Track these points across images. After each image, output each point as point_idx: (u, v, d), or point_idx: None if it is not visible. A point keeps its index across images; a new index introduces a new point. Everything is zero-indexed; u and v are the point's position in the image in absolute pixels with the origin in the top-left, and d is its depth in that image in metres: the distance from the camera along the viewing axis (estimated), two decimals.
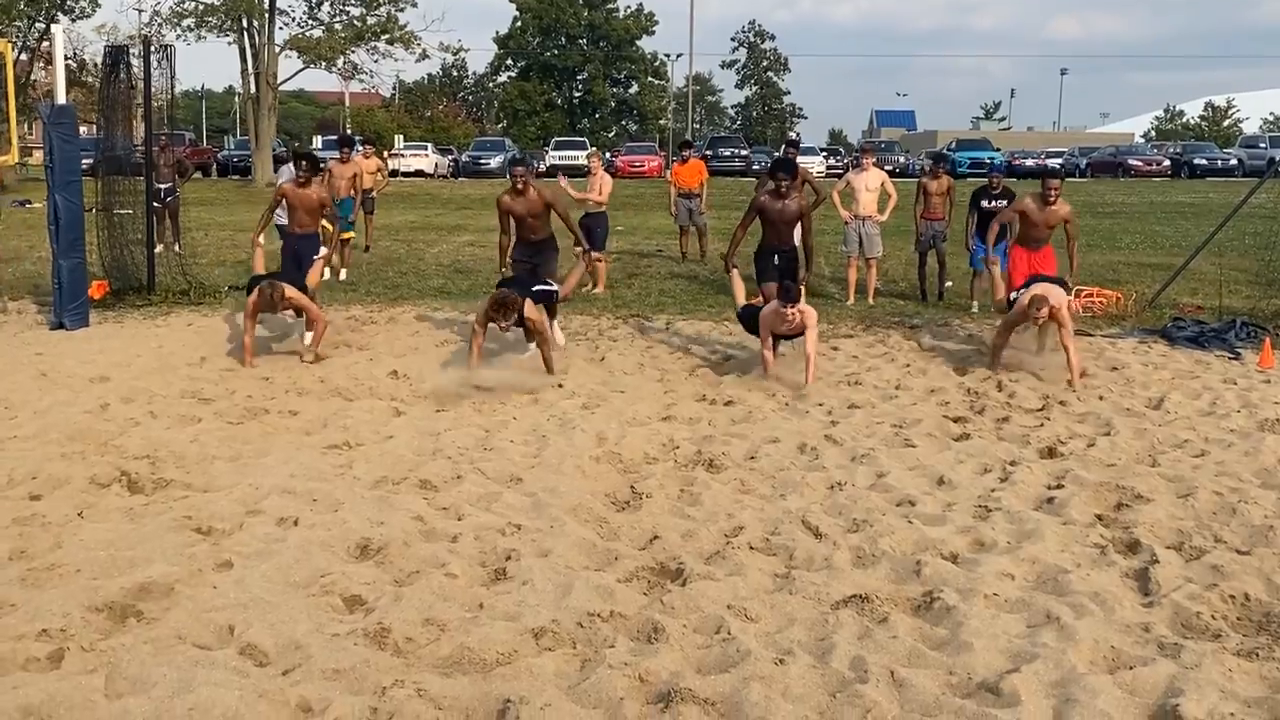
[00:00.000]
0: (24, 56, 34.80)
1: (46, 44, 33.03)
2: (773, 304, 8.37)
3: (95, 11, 37.29)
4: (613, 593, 4.51)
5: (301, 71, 39.27)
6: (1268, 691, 3.74)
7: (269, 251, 10.09)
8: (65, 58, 12.89)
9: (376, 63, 39.30)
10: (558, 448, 6.65)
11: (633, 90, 77.07)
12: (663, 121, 75.65)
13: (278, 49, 37.32)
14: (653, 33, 74.72)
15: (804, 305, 8.21)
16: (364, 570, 4.75)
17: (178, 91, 14.31)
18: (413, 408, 7.68)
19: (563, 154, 42.64)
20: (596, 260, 9.53)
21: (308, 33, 38.00)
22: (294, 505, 5.51)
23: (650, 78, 77.09)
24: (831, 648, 4.02)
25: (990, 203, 11.81)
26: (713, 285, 13.42)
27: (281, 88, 39.87)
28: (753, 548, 5.07)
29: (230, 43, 37.50)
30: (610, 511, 5.65)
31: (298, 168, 9.77)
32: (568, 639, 4.10)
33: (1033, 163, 44.06)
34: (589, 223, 13.08)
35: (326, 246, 10.09)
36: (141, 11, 43.57)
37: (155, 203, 12.49)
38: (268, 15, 36.81)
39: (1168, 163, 44.10)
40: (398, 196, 28.43)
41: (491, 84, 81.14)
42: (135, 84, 11.89)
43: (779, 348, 8.70)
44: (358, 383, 8.30)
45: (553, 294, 8.64)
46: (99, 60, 18.55)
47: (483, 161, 45.59)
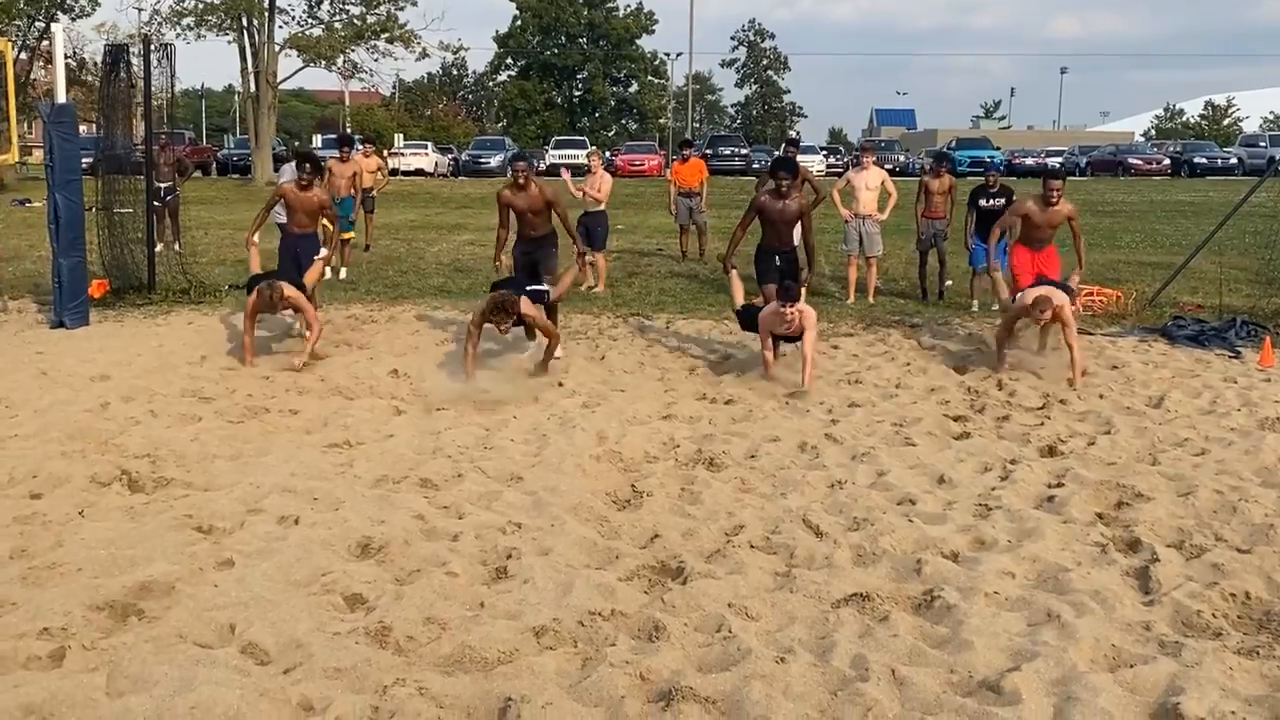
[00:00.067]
0: (24, 55, 34.77)
1: (46, 43, 33.04)
2: (772, 304, 8.36)
3: (95, 10, 37.27)
4: (614, 591, 4.52)
5: (301, 70, 39.29)
6: (1268, 690, 3.74)
7: (266, 250, 10.06)
8: (65, 56, 12.90)
9: (376, 61, 39.29)
10: (558, 446, 6.65)
11: (632, 89, 77.04)
12: (662, 120, 75.62)
13: (277, 48, 37.30)
14: (652, 32, 74.82)
15: (803, 305, 8.20)
16: (365, 569, 4.76)
17: (177, 90, 14.30)
18: (413, 406, 7.68)
19: (563, 153, 42.58)
20: (590, 262, 9.49)
21: (307, 31, 37.97)
22: (295, 504, 5.52)
23: (650, 77, 77.06)
24: (832, 646, 4.02)
25: (988, 201, 11.79)
26: (713, 284, 13.42)
27: (281, 86, 39.84)
28: (753, 546, 5.07)
29: (230, 41, 37.52)
30: (611, 510, 5.66)
31: (300, 170, 9.71)
32: (569, 637, 4.11)
33: (1033, 161, 44.04)
34: (589, 222, 13.09)
35: (327, 247, 10.07)
36: (141, 10, 43.67)
37: (155, 201, 12.48)
38: (267, 14, 36.77)
39: (1168, 161, 44.12)
40: (398, 195, 28.43)
41: (491, 83, 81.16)
42: (135, 83, 11.89)
43: (780, 349, 8.70)
44: (358, 381, 8.31)
45: (545, 294, 8.59)
46: (99, 59, 18.53)
47: (482, 160, 45.60)
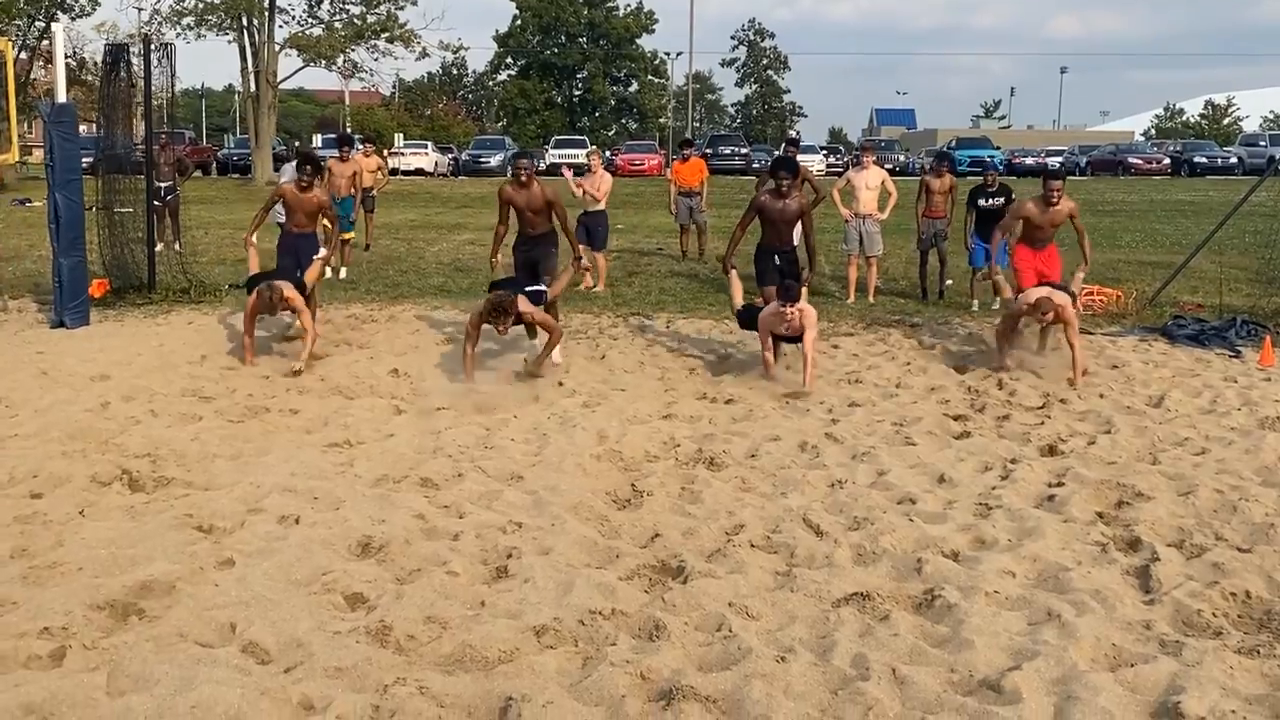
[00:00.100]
0: (24, 55, 34.78)
1: (46, 42, 33.02)
2: (773, 304, 8.34)
3: (95, 10, 37.26)
4: (614, 590, 4.52)
5: (301, 70, 39.28)
6: (1269, 689, 3.74)
7: (265, 250, 10.04)
8: (65, 56, 12.89)
9: (376, 61, 39.33)
10: (559, 446, 6.66)
11: (632, 89, 77.05)
12: (662, 120, 75.64)
13: (277, 47, 37.29)
14: (652, 31, 74.84)
15: (804, 305, 8.19)
16: (365, 568, 4.76)
17: (178, 90, 14.30)
18: (413, 406, 7.68)
19: (563, 152, 42.59)
20: (585, 268, 9.45)
21: (307, 31, 37.97)
22: (295, 503, 5.52)
23: (650, 76, 77.08)
24: (833, 645, 4.02)
25: (987, 201, 11.79)
26: (713, 283, 13.41)
27: (281, 86, 39.83)
28: (754, 545, 5.07)
29: (230, 41, 37.52)
30: (611, 509, 5.66)
31: (301, 171, 9.67)
32: (569, 637, 4.11)
33: (1033, 161, 44.03)
34: (589, 221, 13.07)
35: (326, 247, 10.05)
36: (141, 10, 43.51)
37: (155, 201, 12.48)
38: (267, 13, 36.76)
39: (1168, 161, 44.11)
40: (398, 195, 28.43)
41: (491, 82, 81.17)
42: (135, 82, 11.90)
43: (780, 348, 8.68)
44: (358, 381, 8.30)
45: (542, 294, 8.56)
46: (99, 59, 18.53)
47: (482, 160, 45.65)
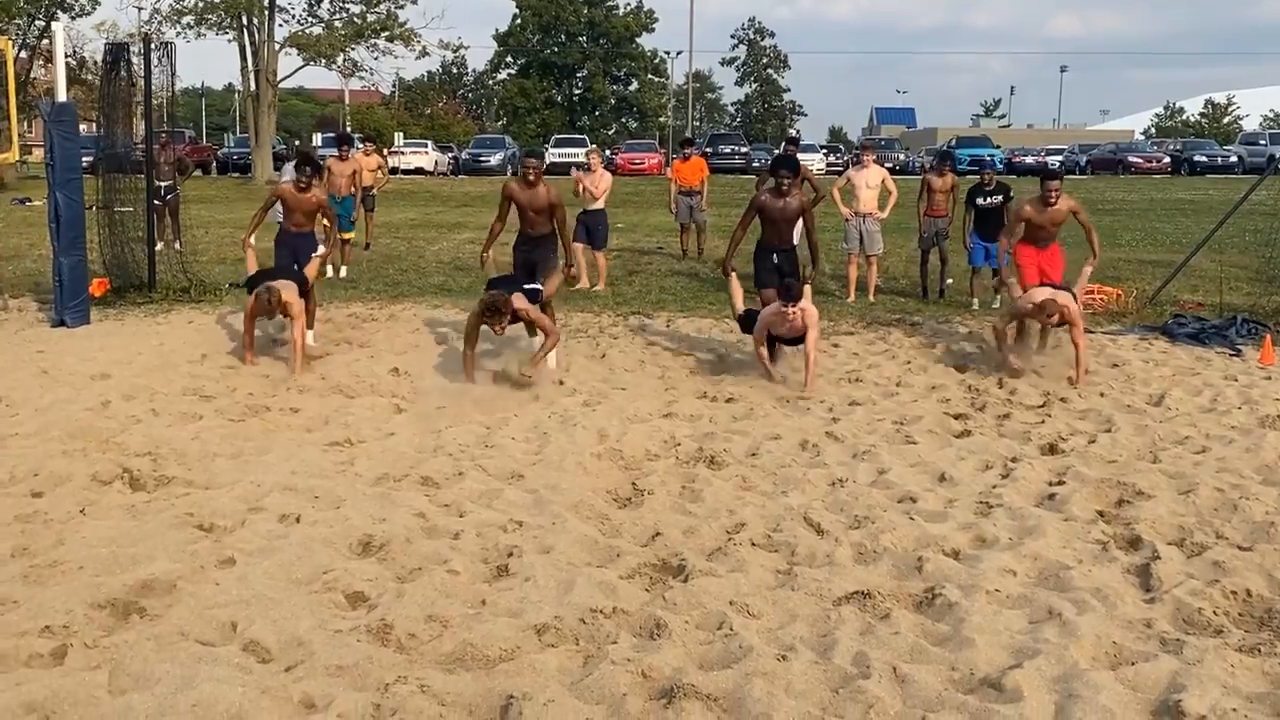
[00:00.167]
0: (24, 54, 34.78)
1: (46, 42, 33.02)
2: (774, 304, 8.30)
3: (95, 9, 37.26)
4: (615, 589, 4.52)
5: (301, 69, 39.29)
6: (1270, 687, 3.74)
7: (263, 249, 10.02)
8: (65, 55, 12.88)
9: (376, 60, 39.31)
10: (559, 445, 6.66)
11: (632, 87, 76.94)
12: (662, 119, 75.60)
13: (277, 46, 37.30)
14: (652, 30, 74.68)
15: (805, 304, 8.15)
16: (366, 567, 4.76)
17: (178, 89, 14.29)
18: (414, 405, 7.68)
19: (563, 151, 42.56)
20: (574, 275, 9.39)
21: (307, 30, 37.99)
22: (296, 502, 5.52)
23: (650, 75, 76.96)
24: (834, 644, 4.02)
25: (985, 200, 11.80)
26: (713, 283, 13.42)
27: (281, 85, 39.83)
28: (754, 544, 5.07)
29: (230, 40, 37.54)
30: (612, 508, 5.66)
31: (300, 172, 9.61)
32: (570, 635, 4.11)
33: (1033, 160, 44.00)
34: (588, 220, 13.06)
35: (325, 245, 10.02)
36: (141, 9, 43.36)
37: (156, 200, 12.48)
38: (267, 12, 36.77)
39: (1168, 160, 44.13)
40: (398, 194, 28.44)
41: (491, 81, 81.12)
42: (135, 81, 11.90)
43: (781, 350, 8.61)
44: (359, 380, 8.30)
45: (538, 293, 8.52)
46: (99, 58, 18.52)
47: (482, 159, 45.67)
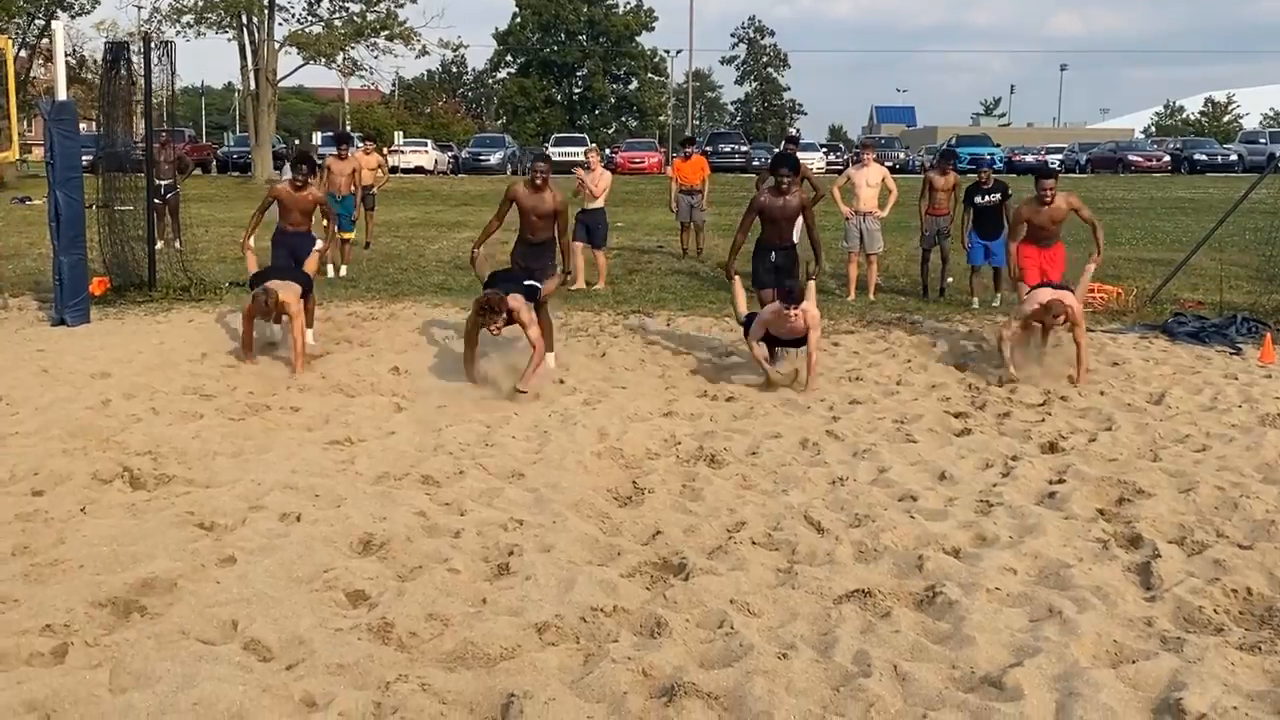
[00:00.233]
0: (24, 53, 34.76)
1: (46, 40, 33.03)
2: (774, 305, 8.26)
3: (95, 8, 37.26)
4: (615, 587, 4.52)
5: (301, 68, 39.24)
6: (1270, 685, 3.75)
7: (262, 248, 10.00)
8: (65, 54, 12.88)
9: (376, 59, 39.50)
10: (559, 443, 6.66)
11: (632, 86, 76.93)
12: (662, 118, 75.63)
13: (277, 45, 37.27)
14: (652, 28, 74.71)
15: (806, 306, 8.11)
16: (367, 565, 4.76)
17: (178, 88, 14.28)
18: (414, 404, 7.68)
19: (562, 150, 42.53)
20: (567, 275, 9.32)
21: (307, 29, 37.93)
22: (296, 501, 5.52)
23: (650, 74, 76.95)
24: (834, 642, 4.03)
25: (983, 198, 11.80)
26: (713, 281, 13.42)
27: (281, 84, 39.79)
28: (755, 543, 5.08)
29: (230, 39, 37.48)
30: (612, 507, 5.66)
31: (296, 171, 9.56)
32: (571, 634, 4.11)
33: (1033, 159, 43.94)
34: (588, 220, 13.04)
35: (323, 240, 9.99)
36: (141, 8, 43.33)
37: (156, 199, 12.47)
38: (267, 11, 36.73)
39: (1168, 158, 44.12)
40: (398, 193, 28.43)
41: (491, 80, 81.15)
42: (135, 80, 11.89)
43: (781, 351, 8.60)
44: (359, 379, 8.30)
45: (537, 290, 8.48)
46: (99, 56, 18.56)
47: (482, 158, 45.68)
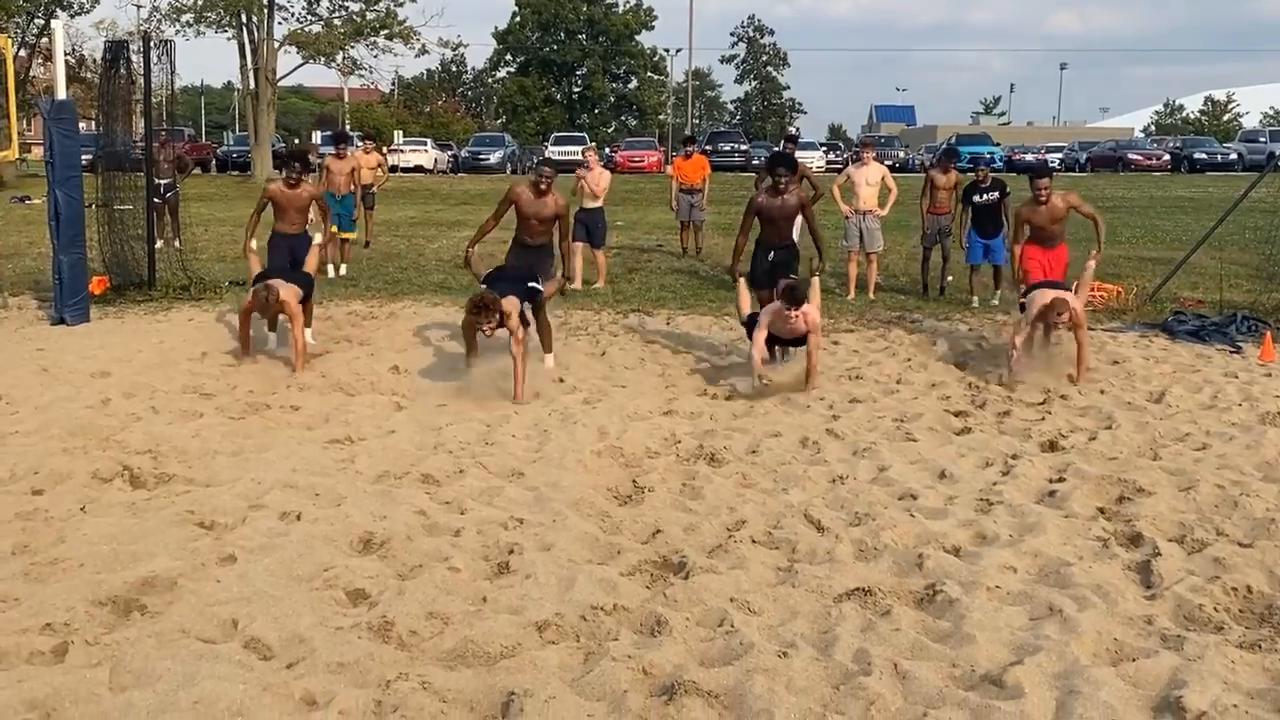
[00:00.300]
0: (23, 52, 34.72)
1: (46, 40, 32.97)
2: (775, 305, 8.24)
3: (94, 7, 37.33)
4: (615, 586, 4.52)
5: (301, 67, 39.35)
6: (1270, 683, 3.75)
7: (262, 248, 9.98)
8: (65, 53, 12.88)
9: (376, 58, 39.48)
10: (559, 442, 6.66)
11: (632, 85, 76.95)
12: (662, 117, 75.62)
13: (277, 44, 37.26)
14: (652, 28, 74.74)
15: (807, 308, 8.08)
16: (367, 564, 4.76)
17: (177, 87, 14.24)
18: (414, 403, 7.68)
19: (562, 149, 42.50)
20: (567, 280, 9.30)
21: (307, 28, 37.91)
22: (296, 500, 5.52)
23: (649, 73, 76.96)
24: (834, 640, 4.03)
25: (982, 197, 11.80)
26: (713, 280, 13.42)
27: (280, 83, 39.79)
28: (755, 541, 5.08)
29: (229, 38, 37.45)
30: (612, 505, 5.66)
31: (289, 169, 9.48)
32: (571, 632, 4.11)
33: (1032, 158, 43.96)
34: (587, 219, 13.02)
35: (319, 235, 9.94)
36: (140, 7, 43.30)
37: (155, 198, 12.47)
38: (267, 10, 36.72)
39: (1167, 157, 44.13)
40: (397, 192, 28.42)
41: (491, 79, 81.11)
42: (135, 79, 11.90)
43: (784, 353, 8.58)
44: (359, 378, 8.30)
45: (538, 291, 8.45)
46: (98, 56, 18.54)
47: (482, 157, 45.71)
